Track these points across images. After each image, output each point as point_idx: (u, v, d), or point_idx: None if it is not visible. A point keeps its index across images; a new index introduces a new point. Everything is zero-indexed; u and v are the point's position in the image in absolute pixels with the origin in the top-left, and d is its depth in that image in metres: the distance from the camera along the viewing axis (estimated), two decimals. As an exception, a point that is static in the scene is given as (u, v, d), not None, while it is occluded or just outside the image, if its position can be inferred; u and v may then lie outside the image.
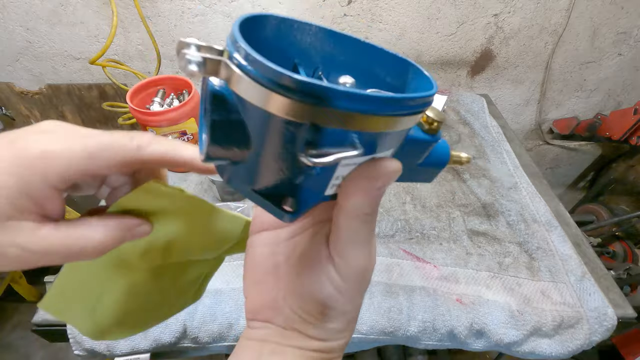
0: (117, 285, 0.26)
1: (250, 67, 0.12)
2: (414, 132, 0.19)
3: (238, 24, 0.14)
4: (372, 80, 0.19)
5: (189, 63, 0.13)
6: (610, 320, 0.53)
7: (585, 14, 1.00)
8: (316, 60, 0.18)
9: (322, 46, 0.18)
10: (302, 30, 0.17)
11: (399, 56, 0.18)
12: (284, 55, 0.17)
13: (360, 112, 0.13)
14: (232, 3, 0.92)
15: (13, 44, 0.96)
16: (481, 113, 0.94)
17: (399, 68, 0.18)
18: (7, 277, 1.28)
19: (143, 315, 0.28)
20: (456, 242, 0.63)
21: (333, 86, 0.12)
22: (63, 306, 0.27)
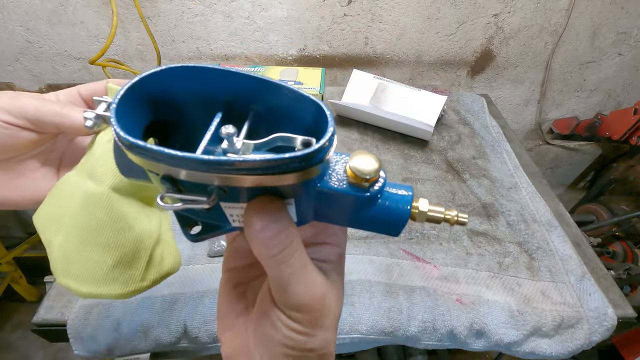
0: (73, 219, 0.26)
1: (115, 131, 0.15)
2: (333, 184, 0.18)
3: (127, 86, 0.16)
4: (291, 121, 0.19)
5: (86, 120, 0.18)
6: (610, 320, 0.53)
7: (585, 14, 1.00)
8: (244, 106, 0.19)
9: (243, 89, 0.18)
10: (216, 75, 0.18)
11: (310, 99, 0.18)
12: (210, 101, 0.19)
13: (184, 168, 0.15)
14: (232, 3, 0.92)
15: (13, 44, 0.96)
16: (481, 113, 0.94)
17: (314, 111, 0.18)
18: (7, 277, 1.28)
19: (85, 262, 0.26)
20: (456, 242, 0.63)
21: (151, 147, 0.14)
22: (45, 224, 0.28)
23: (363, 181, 0.18)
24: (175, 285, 0.54)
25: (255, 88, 0.18)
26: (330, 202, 0.19)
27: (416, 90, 0.85)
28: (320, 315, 0.20)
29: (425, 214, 0.20)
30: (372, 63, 1.06)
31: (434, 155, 0.80)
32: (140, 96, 0.17)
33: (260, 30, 0.98)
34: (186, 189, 0.16)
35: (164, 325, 0.50)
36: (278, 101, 0.19)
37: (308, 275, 0.19)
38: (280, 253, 0.18)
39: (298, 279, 0.19)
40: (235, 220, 0.20)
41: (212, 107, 0.19)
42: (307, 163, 0.16)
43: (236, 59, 1.03)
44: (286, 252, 0.18)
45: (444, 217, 0.21)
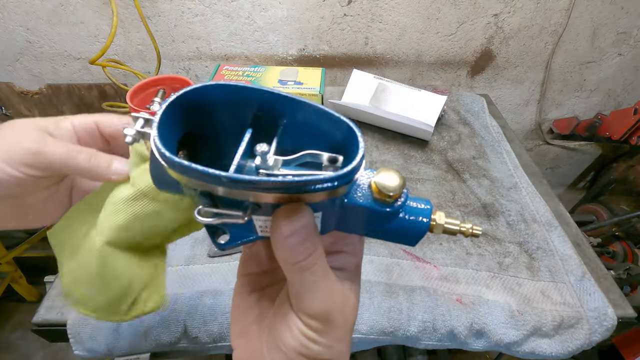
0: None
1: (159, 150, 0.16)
2: (358, 198, 0.19)
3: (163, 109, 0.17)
4: (318, 137, 0.20)
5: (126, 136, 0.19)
6: (610, 320, 0.53)
7: (585, 14, 1.00)
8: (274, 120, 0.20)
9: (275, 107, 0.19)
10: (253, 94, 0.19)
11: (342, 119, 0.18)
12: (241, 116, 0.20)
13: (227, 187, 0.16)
14: (232, 3, 0.92)
15: (13, 44, 0.96)
16: (481, 113, 0.94)
17: (344, 130, 0.19)
18: (7, 277, 1.28)
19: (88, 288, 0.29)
20: (456, 242, 0.63)
21: (196, 167, 0.15)
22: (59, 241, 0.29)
23: (387, 197, 0.19)
24: (175, 285, 0.54)
25: (286, 106, 0.19)
26: (354, 215, 0.20)
27: (416, 90, 0.85)
28: (337, 325, 0.20)
29: (442, 227, 0.21)
30: (372, 63, 1.06)
31: (434, 155, 0.80)
32: (177, 113, 0.18)
33: (260, 30, 0.98)
34: (222, 203, 0.18)
35: (164, 325, 0.50)
36: (307, 118, 0.19)
37: (329, 284, 0.19)
38: (305, 260, 0.18)
39: (319, 287, 0.19)
40: (262, 230, 0.20)
41: (242, 122, 0.20)
42: (343, 182, 0.17)
43: (236, 59, 1.03)
44: (310, 260, 0.18)
45: (460, 230, 0.21)
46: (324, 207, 0.19)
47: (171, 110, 0.18)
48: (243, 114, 0.20)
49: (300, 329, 0.19)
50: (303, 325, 0.19)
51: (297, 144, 0.20)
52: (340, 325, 0.20)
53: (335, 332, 0.20)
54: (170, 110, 0.18)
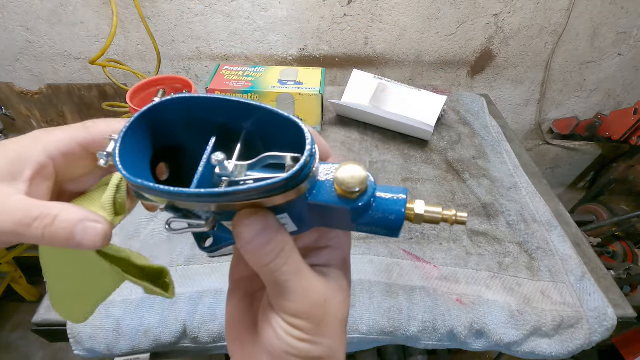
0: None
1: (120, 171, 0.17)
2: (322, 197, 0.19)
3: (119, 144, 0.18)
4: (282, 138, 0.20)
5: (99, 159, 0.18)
6: (610, 320, 0.53)
7: (585, 14, 1.00)
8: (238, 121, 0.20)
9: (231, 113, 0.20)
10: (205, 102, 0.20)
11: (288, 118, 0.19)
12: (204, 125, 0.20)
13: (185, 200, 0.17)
14: (232, 3, 0.92)
15: (13, 44, 0.96)
16: (481, 113, 0.94)
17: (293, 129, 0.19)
18: (7, 277, 1.27)
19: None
20: (456, 242, 0.63)
21: (143, 182, 0.16)
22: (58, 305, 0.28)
23: (350, 193, 0.18)
24: (175, 285, 0.54)
25: (241, 111, 0.19)
26: (324, 212, 0.20)
27: (416, 90, 0.85)
28: (321, 321, 0.19)
29: (422, 216, 0.20)
30: (372, 63, 1.06)
31: (434, 155, 0.80)
32: (142, 132, 0.19)
33: (260, 30, 0.98)
34: (188, 214, 0.18)
35: (164, 325, 0.50)
36: (264, 121, 0.20)
37: (304, 282, 0.19)
38: (272, 262, 0.18)
39: (294, 286, 0.19)
40: None
41: (207, 130, 0.20)
42: (293, 183, 0.17)
43: (236, 59, 1.03)
44: (279, 261, 0.18)
45: (442, 217, 0.20)
46: (287, 208, 0.19)
47: (133, 131, 0.18)
48: (205, 123, 0.20)
49: (284, 328, 0.19)
50: (286, 324, 0.19)
51: (267, 146, 0.20)
52: (326, 321, 0.19)
53: (320, 328, 0.19)
54: (132, 131, 0.18)
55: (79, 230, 0.18)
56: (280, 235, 0.19)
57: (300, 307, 0.19)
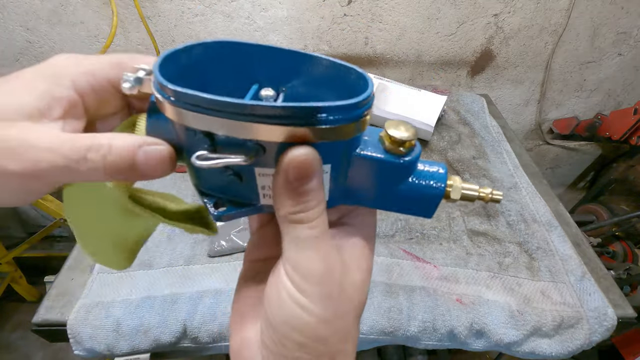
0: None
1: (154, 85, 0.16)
2: (369, 151, 0.18)
3: (163, 56, 0.16)
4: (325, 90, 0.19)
5: (124, 82, 0.17)
6: (610, 320, 0.53)
7: (585, 14, 1.00)
8: (279, 79, 0.20)
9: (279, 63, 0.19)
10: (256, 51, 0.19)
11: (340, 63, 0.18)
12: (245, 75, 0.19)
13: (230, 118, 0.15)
14: (232, 3, 0.92)
15: (13, 44, 0.96)
16: (481, 113, 0.94)
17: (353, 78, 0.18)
18: (7, 277, 1.27)
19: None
20: (456, 242, 0.63)
21: (199, 94, 0.14)
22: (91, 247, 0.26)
23: (400, 146, 0.18)
24: (175, 285, 0.54)
25: (291, 61, 0.19)
26: (364, 173, 0.18)
27: (416, 90, 0.85)
28: (331, 294, 0.17)
29: (460, 191, 0.19)
30: (372, 63, 1.06)
31: (434, 155, 0.80)
32: (175, 66, 0.17)
33: (260, 30, 0.98)
34: (223, 148, 0.16)
35: (164, 325, 0.50)
36: (315, 71, 0.19)
37: (325, 245, 0.17)
38: (307, 211, 0.17)
39: (314, 245, 0.17)
40: (266, 195, 0.19)
41: (248, 78, 0.19)
42: (344, 116, 0.15)
43: (236, 59, 1.03)
44: (311, 213, 0.17)
45: (479, 195, 0.20)
46: (333, 158, 0.17)
47: (169, 60, 0.17)
48: (248, 70, 0.19)
49: (289, 291, 0.17)
50: (292, 286, 0.17)
51: (308, 96, 0.19)
52: (336, 296, 0.18)
53: (329, 302, 0.17)
54: (169, 60, 0.17)
55: (140, 156, 0.17)
56: (322, 188, 0.17)
57: (313, 267, 0.17)
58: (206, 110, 0.15)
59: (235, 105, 0.15)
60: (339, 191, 0.19)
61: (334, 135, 0.16)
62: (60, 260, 0.60)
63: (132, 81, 0.17)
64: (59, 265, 0.57)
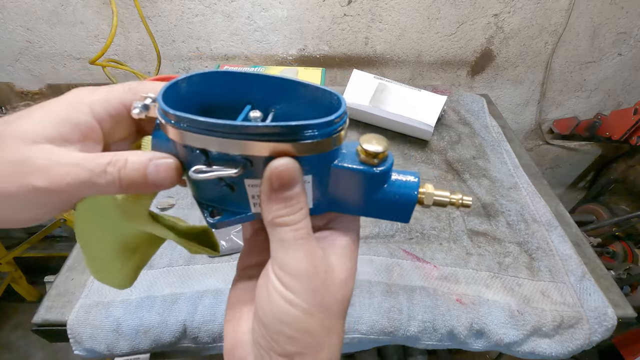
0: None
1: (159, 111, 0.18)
2: (346, 162, 0.20)
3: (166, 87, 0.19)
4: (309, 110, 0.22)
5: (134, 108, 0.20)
6: (610, 320, 0.53)
7: (585, 14, 1.00)
8: (268, 101, 0.22)
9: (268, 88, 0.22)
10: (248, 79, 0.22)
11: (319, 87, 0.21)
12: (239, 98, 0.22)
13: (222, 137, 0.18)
14: (232, 3, 0.92)
15: (13, 44, 0.96)
16: (481, 113, 0.94)
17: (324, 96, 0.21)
18: (7, 277, 1.27)
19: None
20: (456, 242, 0.63)
21: (196, 117, 0.17)
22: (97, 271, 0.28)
23: (373, 157, 0.20)
24: (175, 285, 0.54)
25: (279, 86, 0.21)
26: (343, 183, 0.21)
27: (416, 90, 0.85)
28: (317, 289, 0.19)
29: (432, 196, 0.22)
30: (372, 63, 1.06)
31: (434, 155, 0.80)
32: (176, 93, 0.20)
33: (261, 30, 0.98)
34: (216, 162, 0.19)
35: (164, 325, 0.50)
36: (298, 97, 0.21)
37: (310, 245, 0.19)
38: (291, 215, 0.19)
39: (299, 246, 0.19)
40: (256, 204, 0.21)
41: (241, 101, 0.22)
42: (322, 132, 0.18)
43: (236, 59, 1.03)
44: (295, 217, 0.19)
45: (450, 201, 0.22)
46: (314, 169, 0.20)
47: (171, 90, 0.19)
48: (238, 98, 0.22)
49: (278, 289, 0.19)
50: (281, 285, 0.19)
51: (295, 114, 0.22)
52: (323, 292, 0.19)
53: (315, 297, 0.19)
54: (171, 89, 0.19)
55: (151, 169, 0.19)
56: (304, 196, 0.19)
57: (299, 266, 0.19)
58: (202, 130, 0.18)
59: (226, 126, 0.17)
60: (323, 200, 0.22)
61: (313, 149, 0.18)
62: (60, 260, 0.60)
63: (140, 107, 0.20)
64: (59, 265, 0.57)
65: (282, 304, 0.18)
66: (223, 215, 0.22)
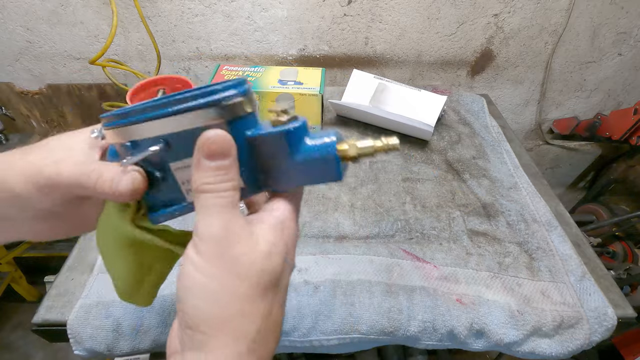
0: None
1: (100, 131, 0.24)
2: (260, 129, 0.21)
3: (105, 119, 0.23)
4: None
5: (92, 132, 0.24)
6: (610, 320, 0.53)
7: (585, 14, 1.00)
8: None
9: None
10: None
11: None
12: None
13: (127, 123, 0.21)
14: (232, 3, 0.92)
15: (13, 44, 0.96)
16: (481, 113, 0.94)
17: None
18: (7, 277, 1.27)
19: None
20: (456, 242, 0.63)
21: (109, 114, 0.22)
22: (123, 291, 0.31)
23: (279, 116, 0.21)
24: (175, 285, 0.54)
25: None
26: (265, 153, 0.22)
27: (416, 90, 0.85)
28: (224, 251, 0.19)
29: (356, 147, 0.22)
30: (372, 63, 1.06)
31: (434, 155, 0.80)
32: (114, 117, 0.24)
33: (261, 30, 0.98)
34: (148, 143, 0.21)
35: (164, 325, 0.50)
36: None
37: (230, 213, 0.20)
38: (216, 183, 0.20)
39: (217, 212, 0.19)
40: (189, 191, 0.22)
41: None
42: (211, 98, 0.19)
43: (236, 59, 1.03)
44: (221, 185, 0.20)
45: (374, 147, 0.22)
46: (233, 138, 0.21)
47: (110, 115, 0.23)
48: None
49: (188, 254, 0.20)
50: (191, 249, 0.19)
51: None
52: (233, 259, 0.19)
53: (223, 261, 0.19)
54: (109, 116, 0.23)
55: (115, 180, 0.22)
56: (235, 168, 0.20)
57: (209, 230, 0.19)
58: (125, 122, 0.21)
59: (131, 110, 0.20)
60: (251, 176, 0.22)
61: (216, 117, 0.20)
62: (60, 260, 0.60)
63: (98, 131, 0.24)
64: (59, 265, 0.57)
65: (190, 270, 0.19)
66: (161, 209, 0.23)
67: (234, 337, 0.18)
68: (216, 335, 0.18)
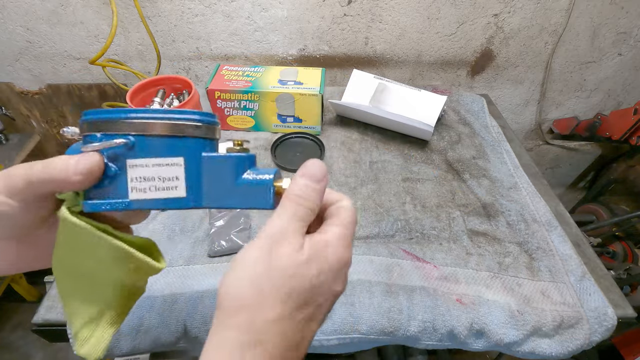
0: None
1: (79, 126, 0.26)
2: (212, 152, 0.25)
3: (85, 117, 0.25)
4: None
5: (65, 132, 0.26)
6: (610, 320, 0.53)
7: (585, 14, 1.00)
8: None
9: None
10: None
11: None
12: None
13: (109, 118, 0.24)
14: (232, 3, 0.92)
15: (13, 44, 0.96)
16: (481, 113, 0.94)
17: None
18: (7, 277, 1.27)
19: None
20: (456, 242, 0.63)
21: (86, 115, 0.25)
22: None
23: (236, 146, 0.26)
24: (175, 285, 0.54)
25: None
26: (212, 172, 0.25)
27: (416, 90, 0.85)
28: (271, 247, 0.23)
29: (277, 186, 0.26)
30: (372, 63, 1.06)
31: (434, 155, 0.80)
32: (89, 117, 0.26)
33: (261, 30, 0.98)
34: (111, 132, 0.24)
35: (164, 325, 0.50)
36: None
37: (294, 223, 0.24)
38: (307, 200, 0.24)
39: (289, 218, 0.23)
40: (134, 189, 0.24)
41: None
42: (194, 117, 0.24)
43: (236, 59, 1.03)
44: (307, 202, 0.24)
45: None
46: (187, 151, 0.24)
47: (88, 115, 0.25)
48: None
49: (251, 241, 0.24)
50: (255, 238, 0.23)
51: None
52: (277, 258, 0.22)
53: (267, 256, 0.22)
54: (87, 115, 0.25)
55: (77, 160, 0.23)
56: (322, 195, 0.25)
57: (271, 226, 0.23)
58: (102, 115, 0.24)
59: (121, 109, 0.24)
60: (196, 189, 0.25)
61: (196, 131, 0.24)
62: (60, 260, 0.60)
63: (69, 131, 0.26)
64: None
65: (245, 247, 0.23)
66: (97, 199, 0.24)
67: (244, 323, 0.20)
68: (229, 314, 0.21)
